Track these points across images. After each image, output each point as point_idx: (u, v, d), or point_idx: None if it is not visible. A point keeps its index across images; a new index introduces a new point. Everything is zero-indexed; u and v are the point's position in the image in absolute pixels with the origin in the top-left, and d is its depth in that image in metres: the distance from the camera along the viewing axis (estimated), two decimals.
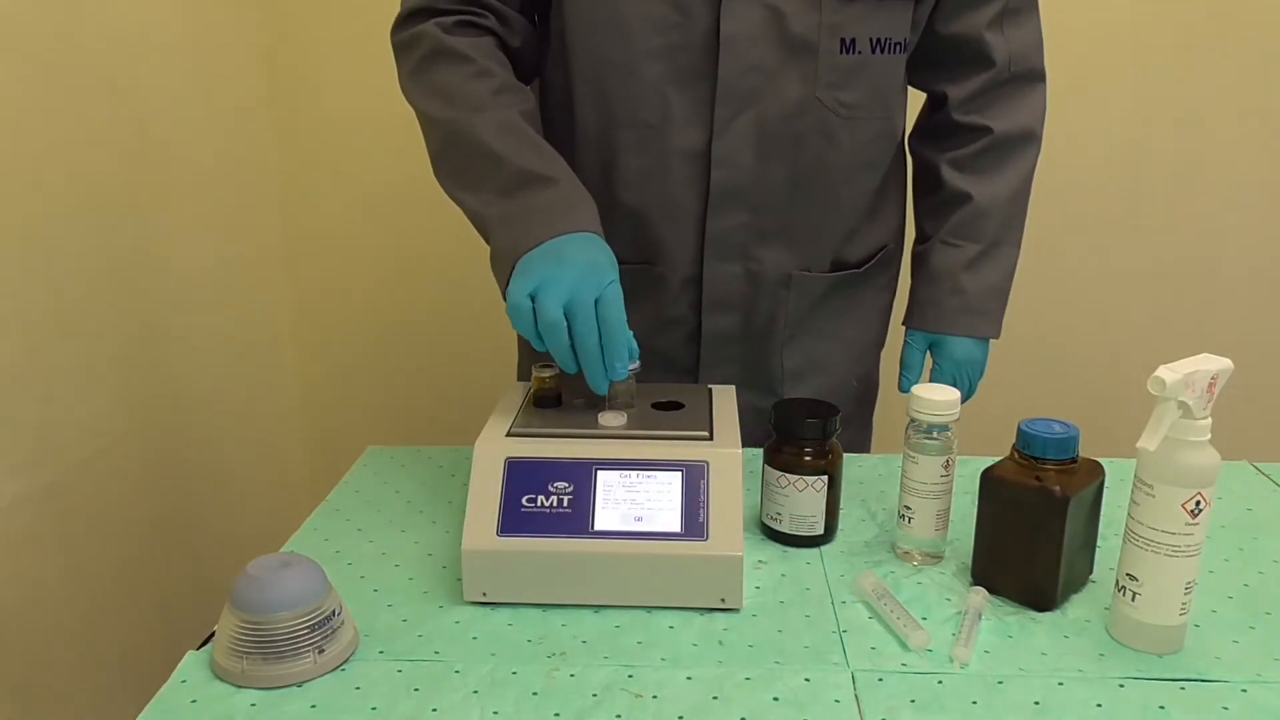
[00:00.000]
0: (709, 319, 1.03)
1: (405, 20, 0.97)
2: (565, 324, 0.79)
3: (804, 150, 0.98)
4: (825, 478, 0.86)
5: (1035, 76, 1.06)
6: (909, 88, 1.07)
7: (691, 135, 0.96)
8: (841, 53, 0.94)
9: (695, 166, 0.97)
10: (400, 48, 0.98)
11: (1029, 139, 1.06)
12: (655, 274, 1.01)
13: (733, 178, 0.97)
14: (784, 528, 0.88)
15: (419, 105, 0.95)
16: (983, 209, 1.05)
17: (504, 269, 0.84)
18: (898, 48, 0.98)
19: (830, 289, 1.06)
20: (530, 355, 1.13)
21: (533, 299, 0.80)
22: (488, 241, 0.89)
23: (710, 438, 0.82)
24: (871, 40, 0.95)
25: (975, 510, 0.81)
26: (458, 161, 0.92)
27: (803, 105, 0.96)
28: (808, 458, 0.85)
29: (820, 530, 0.88)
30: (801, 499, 0.86)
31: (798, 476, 0.86)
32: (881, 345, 1.17)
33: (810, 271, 1.04)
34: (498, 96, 0.92)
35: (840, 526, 0.90)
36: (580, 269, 0.80)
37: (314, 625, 0.69)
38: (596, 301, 0.79)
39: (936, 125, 1.08)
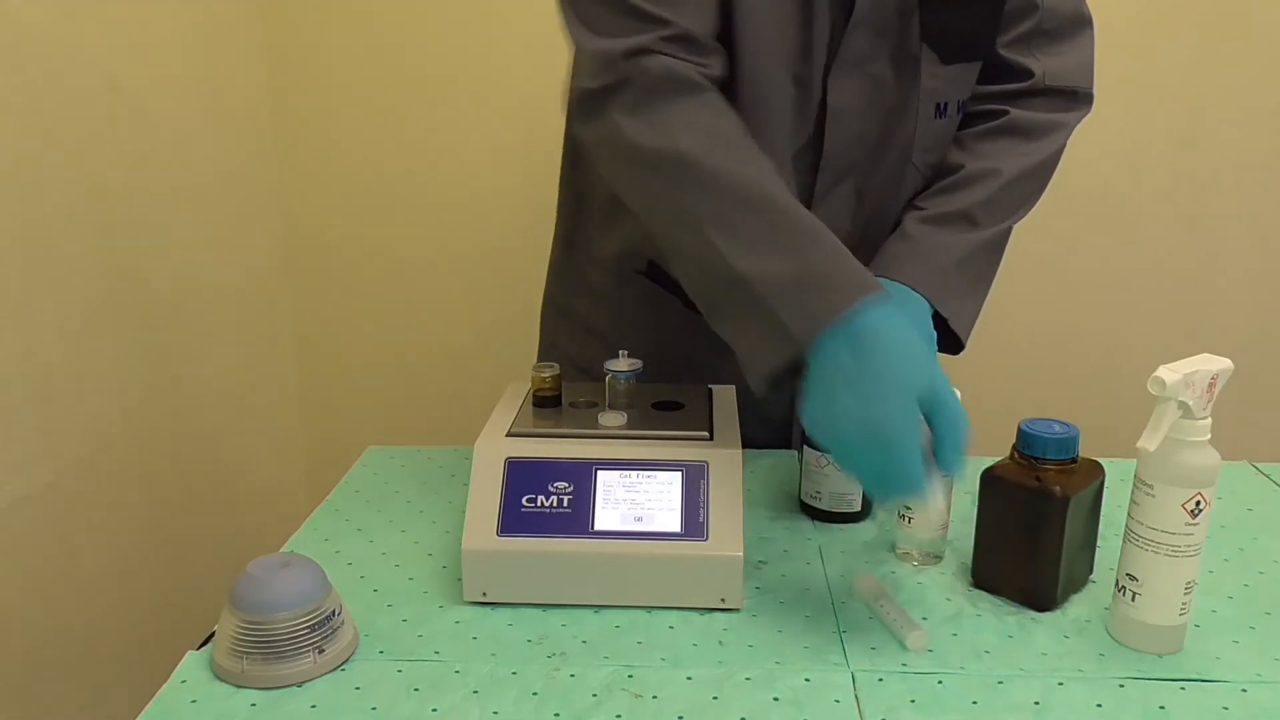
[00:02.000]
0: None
1: (618, 59, 0.80)
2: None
3: (897, 214, 0.98)
4: None
5: (1073, 94, 0.99)
6: None
7: None
8: (936, 118, 0.95)
9: None
10: (609, 90, 0.82)
11: (1049, 131, 0.97)
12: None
13: None
14: (824, 505, 0.91)
15: (651, 143, 0.79)
16: (966, 179, 0.95)
17: (783, 347, 0.74)
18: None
19: None
20: (550, 344, 1.14)
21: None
22: (734, 302, 0.78)
23: (710, 438, 0.82)
24: (959, 103, 0.96)
25: (975, 510, 0.81)
26: (714, 209, 0.78)
27: (900, 172, 0.96)
28: None
29: (858, 507, 0.91)
30: (840, 478, 0.90)
31: None
32: None
33: None
34: (749, 135, 0.81)
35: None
36: (887, 419, 0.69)
37: (314, 625, 0.69)
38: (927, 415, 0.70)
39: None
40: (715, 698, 0.67)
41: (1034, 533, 0.76)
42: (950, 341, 0.95)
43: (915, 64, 0.91)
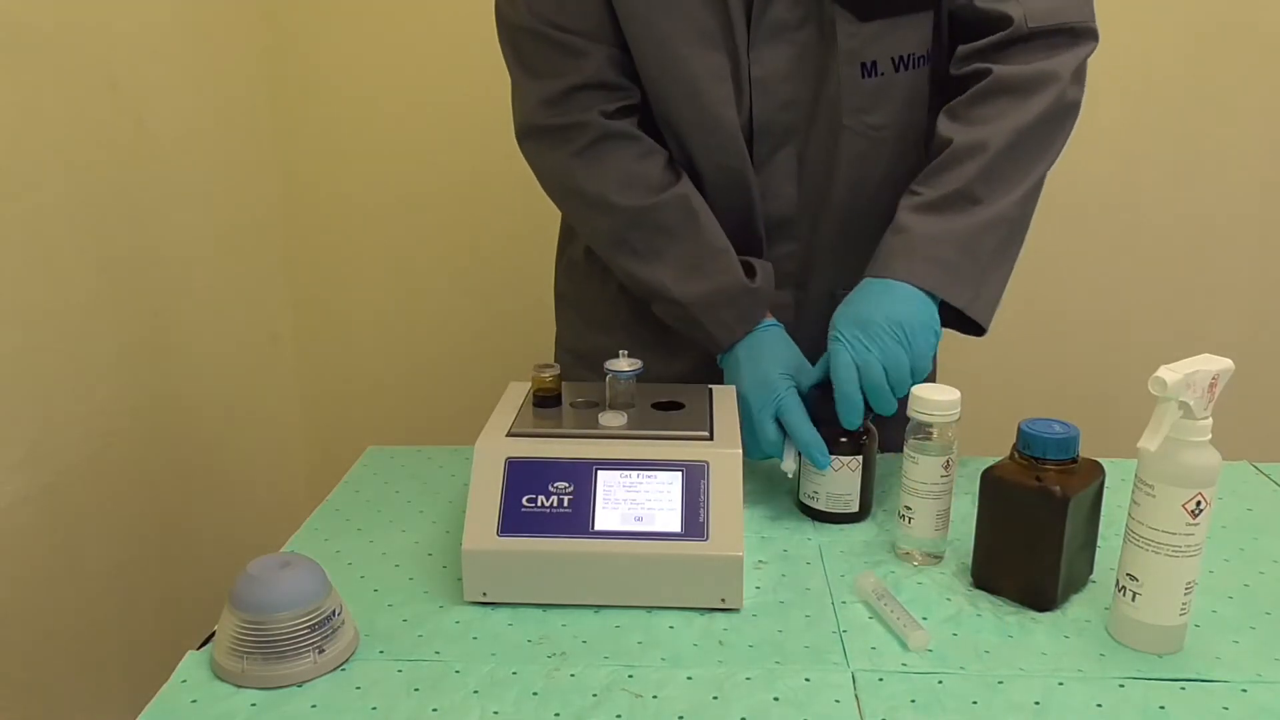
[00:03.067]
0: None
1: (558, 101, 0.95)
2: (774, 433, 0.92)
3: (841, 176, 0.99)
4: (860, 458, 0.89)
5: (1068, 31, 0.91)
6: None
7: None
8: (864, 77, 0.95)
9: (753, 201, 1.00)
10: (556, 131, 0.97)
11: (1041, 83, 0.90)
12: None
13: (778, 209, 1.00)
14: (821, 505, 0.91)
15: (593, 189, 0.97)
16: (958, 154, 0.91)
17: (707, 344, 0.99)
18: (920, 61, 0.97)
19: None
20: (569, 332, 1.16)
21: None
22: (668, 308, 0.99)
23: (710, 438, 0.82)
24: (893, 60, 0.95)
25: (975, 510, 0.81)
26: (641, 241, 0.98)
27: (834, 133, 0.97)
28: (843, 439, 0.89)
29: (855, 508, 0.91)
30: (838, 479, 0.90)
31: (834, 457, 0.89)
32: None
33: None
34: (668, 173, 0.97)
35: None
36: (752, 399, 0.92)
37: (314, 625, 0.69)
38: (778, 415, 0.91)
39: (945, 91, 0.98)
40: (715, 698, 0.67)
41: (1034, 533, 0.76)
42: (970, 324, 0.94)
43: (832, 24, 0.92)
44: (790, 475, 0.92)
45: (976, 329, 0.95)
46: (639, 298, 1.02)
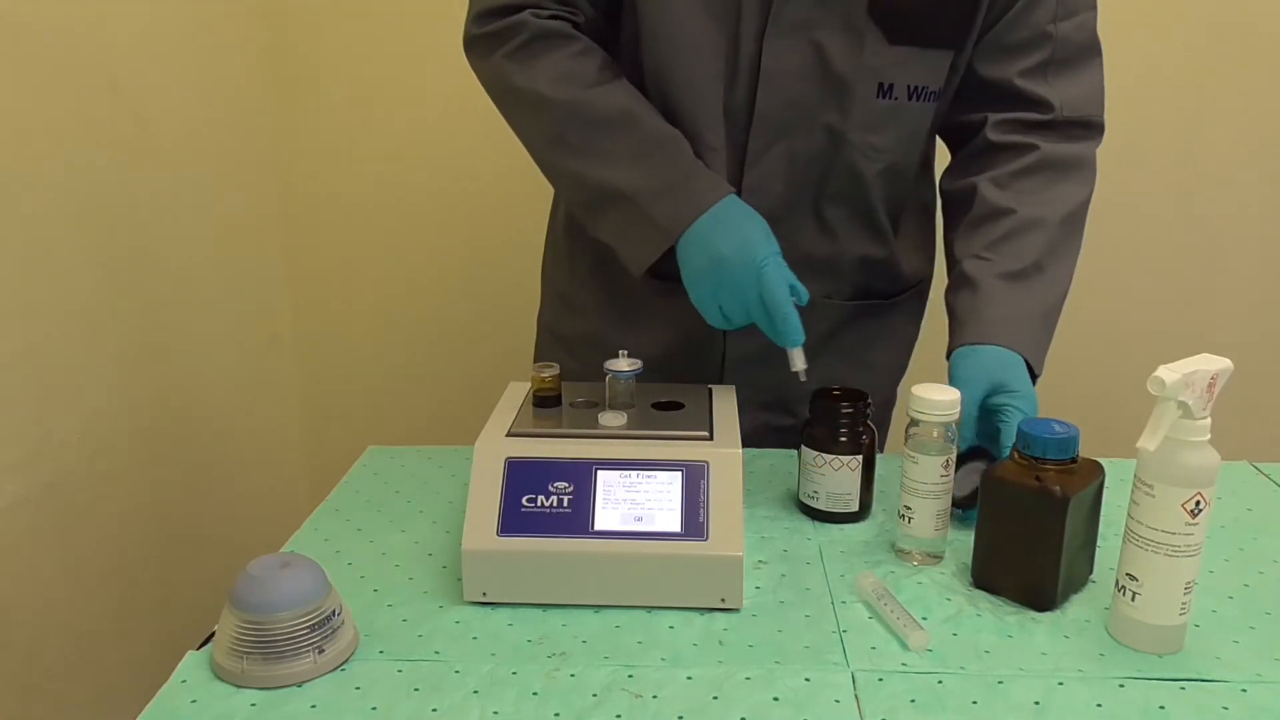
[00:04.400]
0: (733, 341, 1.04)
1: (493, 13, 0.96)
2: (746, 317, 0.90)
3: (831, 185, 0.99)
4: (860, 457, 0.89)
5: (1091, 124, 1.01)
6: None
7: (730, 163, 0.98)
8: (878, 97, 0.95)
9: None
10: (490, 37, 0.96)
11: (1079, 166, 1.00)
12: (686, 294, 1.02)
13: (761, 207, 0.98)
14: (821, 505, 0.91)
15: (525, 85, 0.94)
16: (1024, 226, 0.98)
17: (658, 240, 0.92)
18: (932, 96, 0.98)
19: (853, 315, 1.07)
20: (547, 309, 1.16)
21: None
22: (613, 210, 0.94)
23: (710, 438, 0.82)
24: (909, 88, 0.96)
25: (975, 510, 0.81)
26: (579, 137, 0.94)
27: (835, 143, 0.97)
28: (843, 438, 0.89)
29: (855, 507, 0.91)
30: (838, 478, 0.90)
31: (834, 456, 0.89)
32: (904, 371, 1.17)
33: (832, 299, 1.05)
34: (605, 70, 0.95)
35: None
36: (733, 270, 0.88)
37: (314, 625, 0.69)
38: (761, 295, 0.88)
39: (973, 152, 1.04)
40: (715, 698, 0.67)
41: (1034, 533, 0.76)
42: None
43: (860, 38, 0.92)
44: (802, 377, 0.89)
45: None
46: (583, 210, 0.99)
